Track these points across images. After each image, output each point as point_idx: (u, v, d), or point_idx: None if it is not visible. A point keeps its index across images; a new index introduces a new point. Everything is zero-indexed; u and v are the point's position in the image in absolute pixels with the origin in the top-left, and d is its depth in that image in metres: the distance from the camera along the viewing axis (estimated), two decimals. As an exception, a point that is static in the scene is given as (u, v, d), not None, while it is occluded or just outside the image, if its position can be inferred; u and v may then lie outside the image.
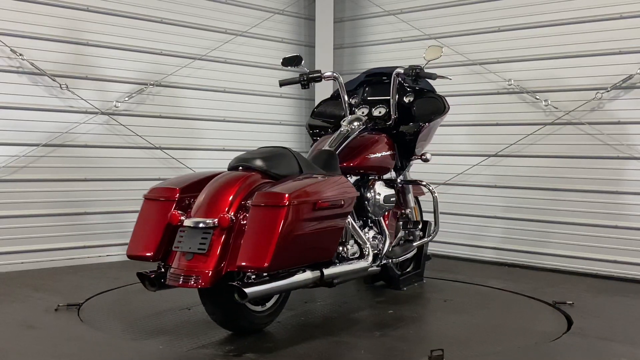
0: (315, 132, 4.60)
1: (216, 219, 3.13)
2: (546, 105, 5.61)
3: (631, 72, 5.15)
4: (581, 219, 5.43)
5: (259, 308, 3.52)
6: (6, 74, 5.16)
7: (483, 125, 6.02)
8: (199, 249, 3.11)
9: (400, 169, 4.52)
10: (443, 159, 6.21)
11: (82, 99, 5.49)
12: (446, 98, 4.56)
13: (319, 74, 4.33)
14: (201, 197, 3.28)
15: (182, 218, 3.22)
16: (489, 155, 5.93)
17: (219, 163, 6.26)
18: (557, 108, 5.54)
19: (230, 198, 3.22)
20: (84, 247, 5.54)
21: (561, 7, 5.54)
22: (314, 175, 3.57)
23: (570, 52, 5.51)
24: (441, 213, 6.07)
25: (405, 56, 6.35)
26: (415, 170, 5.05)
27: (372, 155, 4.20)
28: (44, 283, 4.72)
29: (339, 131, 4.17)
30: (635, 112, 5.18)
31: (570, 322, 3.88)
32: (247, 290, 3.03)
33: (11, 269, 5.10)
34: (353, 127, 4.20)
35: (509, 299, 4.56)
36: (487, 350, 3.38)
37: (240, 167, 3.45)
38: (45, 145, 5.31)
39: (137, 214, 5.72)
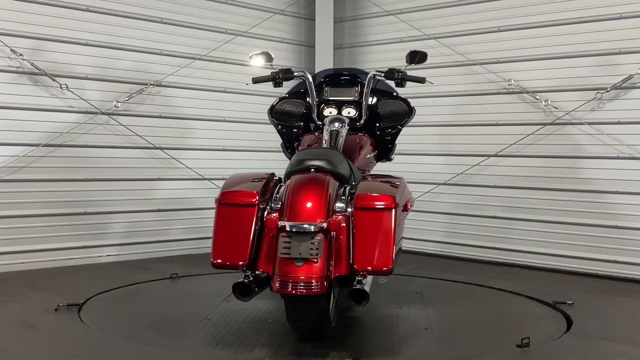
0: (285, 130, 4.49)
1: (324, 223, 3.08)
2: (546, 105, 5.61)
3: (631, 72, 5.15)
4: (581, 219, 5.43)
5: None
6: (6, 74, 5.16)
7: (483, 125, 6.02)
8: (311, 255, 3.03)
9: None
10: (443, 159, 6.23)
11: (82, 99, 5.49)
12: (410, 100, 4.54)
13: (291, 73, 4.30)
14: (294, 201, 3.17)
15: (282, 223, 3.10)
16: (489, 155, 5.93)
17: (219, 163, 6.30)
18: (557, 108, 5.54)
19: (326, 201, 3.18)
20: (84, 247, 5.53)
21: (561, 7, 5.54)
22: (377, 177, 3.58)
23: (570, 52, 5.51)
24: (442, 213, 6.14)
25: (405, 56, 6.35)
26: (414, 170, 5.05)
27: (368, 155, 4.22)
28: (44, 283, 4.72)
29: (328, 131, 4.13)
30: (635, 112, 5.18)
31: (570, 322, 3.89)
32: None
33: (11, 269, 5.10)
34: (336, 127, 4.18)
35: (509, 299, 4.56)
36: (488, 350, 3.38)
37: (312, 169, 3.38)
38: (45, 145, 5.31)
39: (137, 214, 5.79)
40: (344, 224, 3.15)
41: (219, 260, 3.19)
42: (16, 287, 4.58)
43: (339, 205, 3.25)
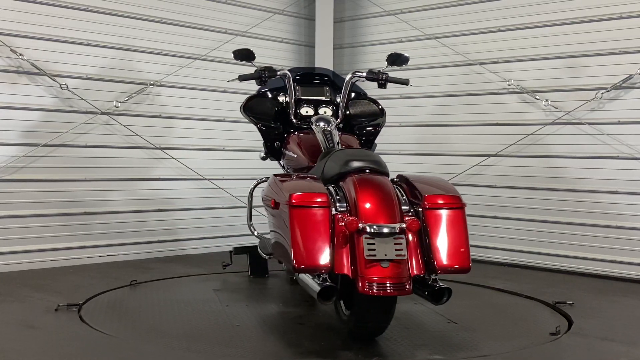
0: (265, 129, 4.50)
1: (404, 224, 3.12)
2: (546, 105, 5.61)
3: (631, 72, 5.15)
4: (581, 219, 5.43)
5: None
6: (6, 74, 5.16)
7: (483, 125, 6.02)
8: (397, 255, 3.06)
9: None
10: (443, 159, 6.23)
11: (82, 99, 5.49)
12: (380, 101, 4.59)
13: (274, 72, 4.30)
14: (370, 202, 3.18)
15: (362, 225, 3.09)
16: (489, 155, 5.93)
17: (219, 163, 6.29)
18: (557, 108, 5.54)
19: (398, 202, 3.24)
20: (84, 247, 5.53)
21: (561, 7, 5.54)
22: (421, 176, 3.63)
23: (570, 52, 5.51)
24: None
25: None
26: (415, 170, 5.05)
27: None
28: (44, 283, 4.72)
29: (321, 131, 4.15)
30: (635, 112, 5.18)
31: (570, 322, 3.89)
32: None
33: (11, 269, 5.10)
34: (327, 127, 4.19)
35: (509, 299, 4.56)
36: (487, 351, 3.38)
37: (367, 170, 3.40)
38: (45, 145, 5.31)
39: (137, 214, 5.79)
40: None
41: (303, 264, 3.09)
42: (16, 287, 4.58)
43: (404, 207, 3.28)
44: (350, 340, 3.45)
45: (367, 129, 4.47)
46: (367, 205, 3.17)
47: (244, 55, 4.36)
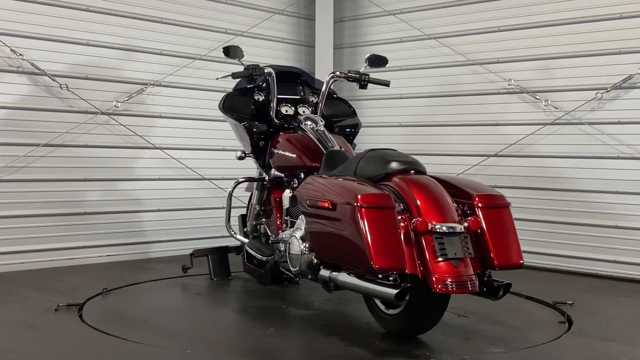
0: (251, 127, 4.48)
1: (466, 223, 3.19)
2: (546, 105, 5.61)
3: (631, 72, 5.15)
4: (581, 219, 5.43)
5: None
6: (6, 74, 5.16)
7: (483, 125, 6.02)
8: (466, 254, 3.12)
9: None
10: (443, 159, 6.22)
11: (82, 99, 5.49)
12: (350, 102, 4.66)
13: (262, 70, 4.32)
14: (432, 203, 3.21)
15: (432, 225, 3.12)
16: (489, 155, 5.93)
17: (219, 163, 6.29)
18: (557, 108, 5.54)
19: (453, 202, 3.29)
20: (84, 247, 5.53)
21: (561, 7, 5.54)
22: (447, 175, 3.67)
23: (570, 52, 5.51)
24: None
25: (405, 56, 6.36)
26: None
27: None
28: (44, 283, 4.72)
29: (314, 131, 4.14)
30: (635, 112, 5.18)
31: (570, 322, 3.89)
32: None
33: (11, 269, 5.10)
34: (312, 125, 4.19)
35: (509, 299, 4.55)
36: (487, 351, 3.38)
37: (412, 171, 3.43)
38: (45, 145, 5.31)
39: (137, 214, 5.79)
40: None
41: (384, 265, 3.07)
42: (16, 287, 4.58)
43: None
44: (399, 338, 3.49)
45: (345, 129, 4.51)
46: (431, 206, 3.21)
47: (234, 52, 4.38)
